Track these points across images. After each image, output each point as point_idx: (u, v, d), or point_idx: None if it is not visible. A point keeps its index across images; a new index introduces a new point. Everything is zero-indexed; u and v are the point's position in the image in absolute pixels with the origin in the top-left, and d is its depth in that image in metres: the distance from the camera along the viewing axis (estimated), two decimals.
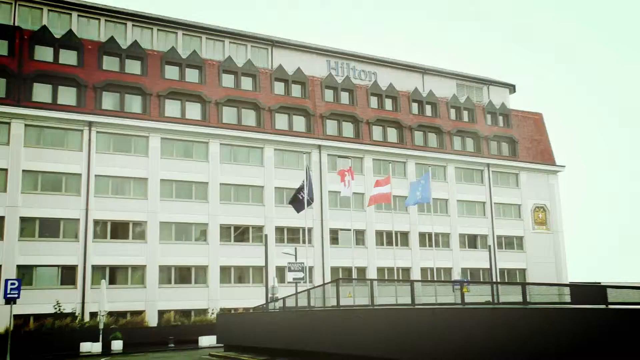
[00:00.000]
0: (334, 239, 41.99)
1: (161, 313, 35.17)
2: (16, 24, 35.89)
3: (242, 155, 40.22)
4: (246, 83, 41.68)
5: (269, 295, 31.24)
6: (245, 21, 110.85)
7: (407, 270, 43.89)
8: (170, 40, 41.00)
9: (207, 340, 31.13)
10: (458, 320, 12.98)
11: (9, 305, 24.28)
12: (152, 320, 34.69)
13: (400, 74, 49.19)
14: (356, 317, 16.65)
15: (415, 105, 48.05)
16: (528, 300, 13.42)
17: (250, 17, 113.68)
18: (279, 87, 42.86)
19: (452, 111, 49.66)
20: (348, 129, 44.62)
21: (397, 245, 40.33)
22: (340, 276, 39.67)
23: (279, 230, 40.21)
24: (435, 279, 38.70)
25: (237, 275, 38.78)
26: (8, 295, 23.11)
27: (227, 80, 41.03)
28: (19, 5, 36.79)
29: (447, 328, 13.03)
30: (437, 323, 13.44)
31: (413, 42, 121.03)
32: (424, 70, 50.94)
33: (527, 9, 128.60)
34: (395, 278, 38.00)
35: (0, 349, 26.69)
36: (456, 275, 44.97)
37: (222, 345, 26.87)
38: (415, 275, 43.64)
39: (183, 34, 41.70)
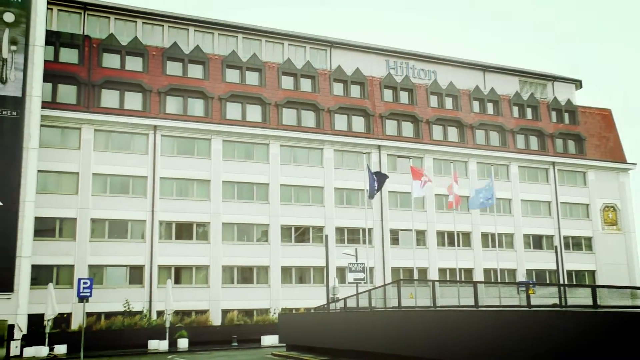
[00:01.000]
0: (395, 240, 41.70)
1: (224, 312, 35.85)
2: (85, 33, 37.33)
3: (302, 157, 40.52)
4: (305, 84, 41.96)
5: (330, 296, 31.30)
6: (301, 21, 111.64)
7: (469, 271, 43.14)
8: (230, 44, 41.73)
9: (269, 340, 31.50)
10: (524, 324, 12.59)
11: (82, 304, 25.25)
12: (215, 320, 35.41)
13: (460, 72, 48.38)
14: (418, 318, 16.48)
15: (476, 104, 47.17)
16: (599, 303, 12.92)
17: (305, 17, 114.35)
18: (338, 88, 42.94)
19: (515, 109, 48.46)
20: (408, 128, 44.24)
21: (459, 245, 39.71)
22: (401, 277, 39.39)
23: (339, 230, 40.28)
24: (498, 280, 37.88)
25: (297, 275, 39.09)
26: (81, 294, 24.07)
27: (287, 82, 41.42)
28: (88, 15, 38.27)
29: (512, 331, 12.68)
30: (501, 326, 13.11)
31: (470, 40, 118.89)
32: (484, 68, 49.93)
33: (591, 2, 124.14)
34: (458, 279, 37.46)
35: (74, 345, 27.89)
36: (520, 277, 43.85)
37: (284, 344, 27.10)
38: (478, 276, 42.83)
39: (243, 37, 42.36)
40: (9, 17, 31.21)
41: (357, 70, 43.51)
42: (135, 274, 35.10)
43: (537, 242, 46.42)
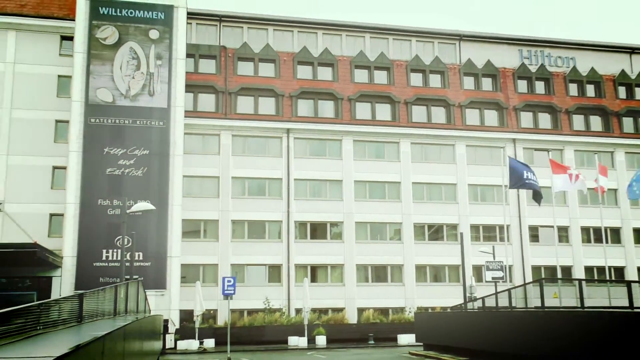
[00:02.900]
0: (534, 237, 39.84)
1: (360, 311, 36.20)
2: (221, 44, 39.39)
3: (433, 154, 39.93)
4: (434, 80, 41.30)
5: (467, 295, 30.58)
6: (428, 14, 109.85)
7: (619, 270, 40.17)
8: (358, 44, 42.05)
9: (406, 339, 31.37)
10: None
11: (226, 301, 26.66)
12: (351, 318, 35.87)
13: (602, 57, 45.15)
14: (563, 319, 15.61)
15: (621, 89, 43.83)
16: None
17: (432, 9, 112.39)
18: (468, 82, 41.82)
19: None
20: (545, 119, 42.07)
21: (607, 242, 37.09)
22: (542, 275, 37.53)
23: (474, 228, 39.19)
24: None
25: (432, 273, 38.57)
26: (225, 292, 25.40)
27: (415, 79, 41.03)
28: (223, 26, 40.35)
29: None
30: None
31: (610, 20, 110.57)
32: (631, 50, 46.22)
33: None
34: (607, 278, 35.05)
35: (220, 340, 29.54)
36: None
37: (421, 344, 26.86)
38: (631, 275, 39.74)
39: (370, 37, 42.52)
40: (154, 34, 33.69)
41: (488, 62, 42.09)
42: (274, 273, 36.47)
43: None
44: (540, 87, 42.75)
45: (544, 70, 42.94)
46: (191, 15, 37.78)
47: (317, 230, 37.68)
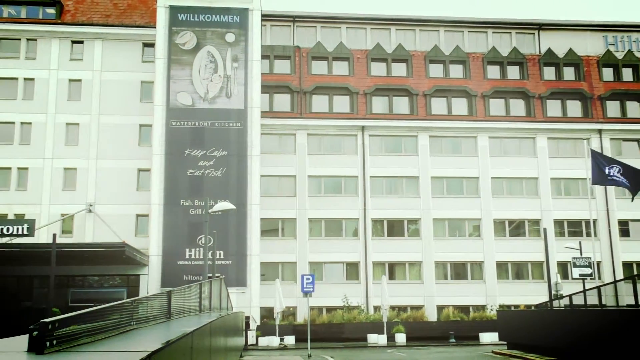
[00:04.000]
0: (624, 231, 37.99)
1: (440, 308, 35.70)
2: (295, 44, 39.81)
3: (512, 147, 38.79)
4: (512, 72, 40.10)
5: (553, 292, 29.53)
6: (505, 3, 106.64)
7: None
8: (432, 39, 41.39)
9: (488, 337, 30.68)
10: None
11: (305, 298, 26.93)
12: (431, 315, 35.41)
13: None
14: None
15: None
16: None
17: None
18: (548, 72, 40.33)
19: None
20: (633, 108, 39.97)
21: None
22: (635, 272, 35.68)
23: (558, 223, 37.78)
24: None
25: (514, 270, 37.49)
26: (305, 289, 25.61)
27: (492, 71, 39.98)
28: (297, 26, 40.75)
29: None
30: None
31: None
32: None
33: None
34: None
35: (300, 337, 29.91)
36: None
37: (505, 342, 26.16)
38: None
39: (445, 30, 41.76)
40: (230, 37, 34.48)
41: (570, 50, 40.43)
42: (351, 270, 36.52)
43: None
44: (627, 74, 40.68)
45: (631, 57, 40.83)
46: (265, 17, 38.37)
47: (394, 228, 37.42)
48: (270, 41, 39.85)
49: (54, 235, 25.42)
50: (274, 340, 30.68)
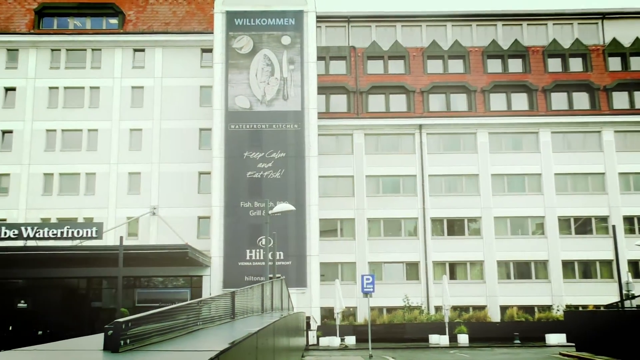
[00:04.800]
0: None
1: (503, 308, 34.92)
2: (350, 44, 39.79)
3: (576, 142, 37.54)
4: (575, 64, 38.83)
5: (624, 292, 28.42)
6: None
7: None
8: (490, 34, 40.55)
9: (555, 338, 29.80)
10: None
11: (365, 298, 26.88)
12: (494, 316, 34.68)
13: None
14: None
15: None
16: None
17: None
18: (614, 63, 38.84)
19: None
20: None
21: None
22: None
23: (627, 220, 36.34)
24: None
25: (581, 269, 36.27)
26: (365, 289, 25.58)
27: (554, 64, 38.83)
28: (351, 26, 40.72)
29: None
30: None
31: None
32: None
33: None
34: None
35: (361, 337, 29.86)
36: None
37: (573, 344, 25.34)
38: None
39: (503, 24, 40.84)
40: (285, 40, 34.79)
41: (637, 39, 38.82)
42: (412, 270, 36.18)
43: None
44: None
45: None
46: (320, 18, 38.50)
47: (454, 227, 36.85)
48: (326, 42, 39.96)
49: (121, 237, 26.26)
50: (334, 341, 30.74)
